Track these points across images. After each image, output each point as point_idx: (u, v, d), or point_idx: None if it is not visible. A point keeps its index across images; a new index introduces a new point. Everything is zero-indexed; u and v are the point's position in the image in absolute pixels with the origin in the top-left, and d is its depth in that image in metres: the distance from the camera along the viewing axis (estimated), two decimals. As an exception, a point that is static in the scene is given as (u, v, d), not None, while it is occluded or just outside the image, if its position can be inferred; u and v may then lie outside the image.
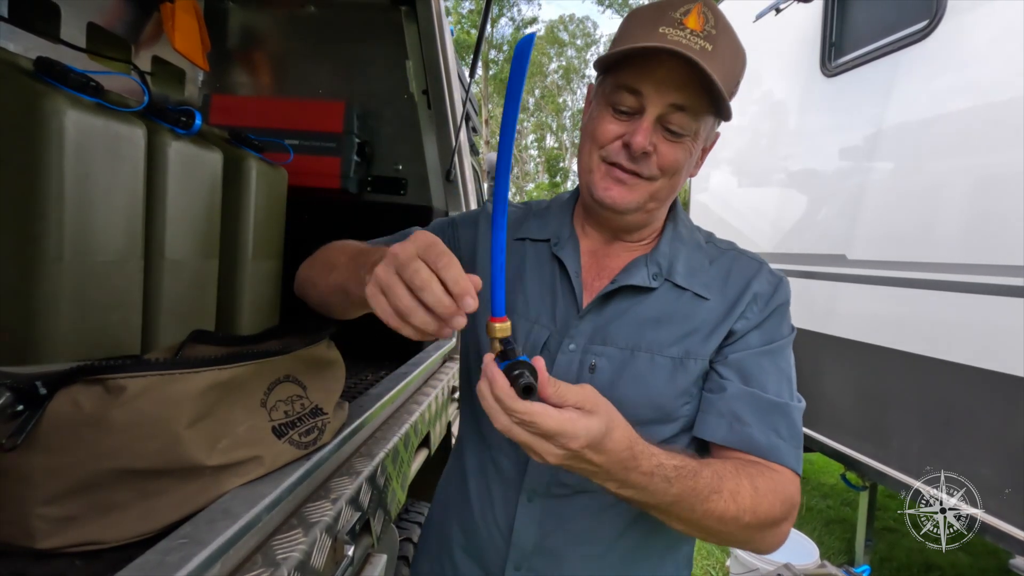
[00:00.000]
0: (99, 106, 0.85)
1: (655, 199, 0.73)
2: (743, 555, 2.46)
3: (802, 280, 2.64)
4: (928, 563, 2.94)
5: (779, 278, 0.77)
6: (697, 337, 0.73)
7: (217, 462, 0.60)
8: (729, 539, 0.67)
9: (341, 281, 0.69)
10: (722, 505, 0.62)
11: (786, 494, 0.68)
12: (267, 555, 0.59)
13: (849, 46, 2.44)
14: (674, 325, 0.73)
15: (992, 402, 1.79)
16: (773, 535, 0.69)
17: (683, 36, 0.65)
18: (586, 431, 0.52)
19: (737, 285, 0.75)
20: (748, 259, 0.79)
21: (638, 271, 0.75)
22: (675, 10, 0.66)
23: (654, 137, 0.68)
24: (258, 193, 1.28)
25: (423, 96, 1.75)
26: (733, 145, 3.39)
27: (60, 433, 0.54)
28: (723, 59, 0.66)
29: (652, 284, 0.75)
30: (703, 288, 0.75)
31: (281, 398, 0.69)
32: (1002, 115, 1.80)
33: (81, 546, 0.55)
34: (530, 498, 0.75)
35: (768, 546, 0.70)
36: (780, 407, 0.71)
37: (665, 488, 0.59)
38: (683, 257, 0.77)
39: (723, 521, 0.63)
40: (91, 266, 0.87)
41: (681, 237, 0.79)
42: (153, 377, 0.56)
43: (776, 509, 0.66)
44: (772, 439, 0.70)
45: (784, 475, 0.69)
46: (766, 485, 0.66)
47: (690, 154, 0.71)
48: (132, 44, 1.40)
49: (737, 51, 0.69)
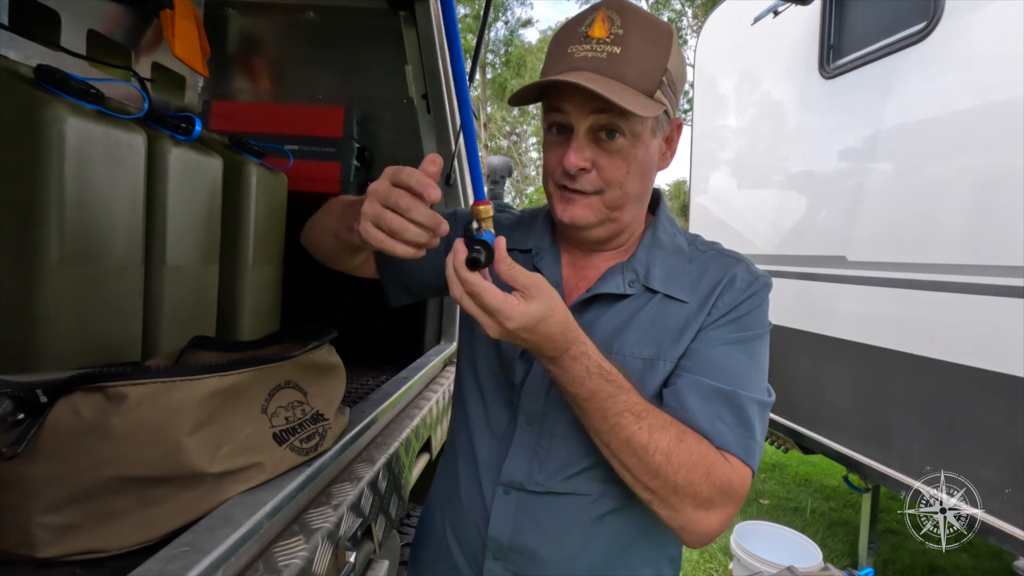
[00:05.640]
0: (99, 113, 0.86)
1: (614, 209, 0.73)
2: (746, 558, 2.45)
3: (802, 282, 2.64)
4: (932, 565, 2.93)
5: (755, 275, 0.76)
6: (669, 339, 0.73)
7: (218, 469, 0.59)
8: (639, 478, 0.65)
9: (335, 227, 0.78)
10: (634, 427, 0.63)
11: (720, 474, 0.65)
12: (269, 562, 0.59)
13: (847, 48, 2.44)
14: (648, 328, 0.74)
15: (993, 403, 1.78)
16: (694, 510, 0.65)
17: (589, 49, 0.67)
18: (522, 315, 0.59)
19: (710, 283, 0.75)
20: (726, 258, 0.78)
21: (613, 279, 0.76)
22: (581, 24, 0.68)
23: (590, 152, 0.70)
24: (258, 198, 1.28)
25: (423, 101, 1.76)
26: (732, 147, 3.40)
27: (61, 441, 0.54)
28: (635, 53, 0.66)
29: (627, 291, 0.75)
30: (680, 291, 0.75)
31: (282, 404, 0.69)
32: (1001, 116, 1.80)
33: (82, 555, 0.55)
34: (506, 491, 0.76)
35: (690, 524, 0.66)
36: (726, 394, 0.69)
37: (583, 379, 0.63)
38: (660, 262, 0.77)
39: (631, 446, 0.63)
40: (92, 272, 0.87)
41: (660, 243, 0.79)
42: (154, 385, 0.56)
43: (698, 478, 0.64)
44: (716, 425, 0.68)
45: (730, 461, 0.67)
46: (697, 449, 0.65)
47: (634, 156, 0.70)
48: (132, 51, 1.40)
49: (654, 35, 0.68)
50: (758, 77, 3.10)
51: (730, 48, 3.39)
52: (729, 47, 3.40)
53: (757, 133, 3.13)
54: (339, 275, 0.92)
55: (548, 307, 0.60)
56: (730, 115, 3.40)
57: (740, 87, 3.32)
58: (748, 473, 0.69)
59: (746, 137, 3.26)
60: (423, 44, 1.67)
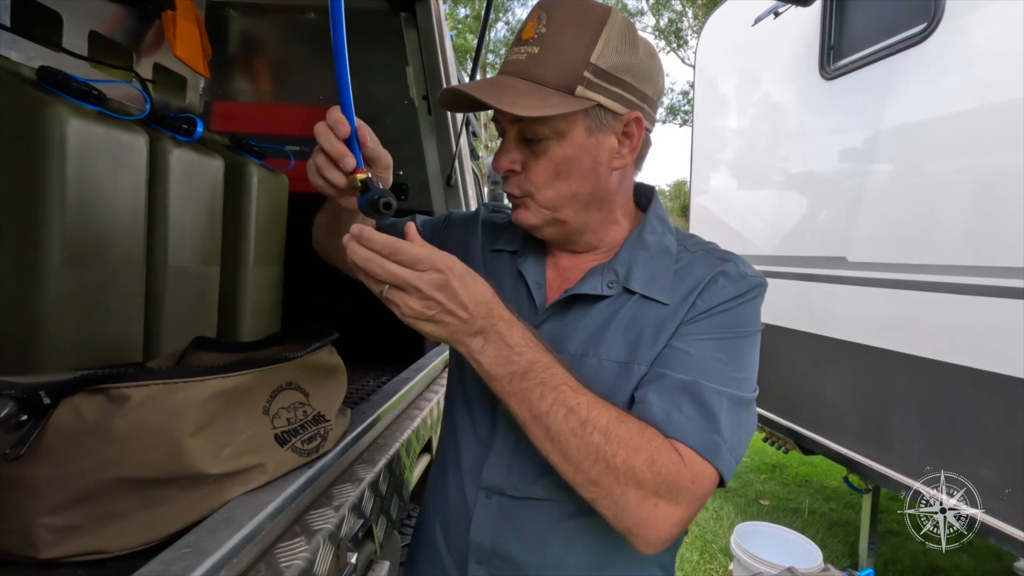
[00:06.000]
0: (101, 114, 0.86)
1: (553, 210, 0.71)
2: (746, 559, 2.45)
3: (802, 283, 2.64)
4: (932, 566, 2.93)
5: (743, 274, 0.71)
6: (645, 341, 0.70)
7: (220, 470, 0.60)
8: (581, 466, 0.60)
9: (325, 221, 0.88)
10: (574, 402, 0.60)
11: (665, 463, 0.59)
12: (270, 564, 0.59)
13: (848, 49, 2.44)
14: (626, 331, 0.71)
15: (993, 404, 1.78)
16: (639, 504, 0.59)
17: (517, 52, 0.67)
18: (447, 260, 0.58)
19: (692, 283, 0.71)
20: (714, 259, 0.73)
21: (592, 280, 0.74)
22: (522, 28, 0.69)
23: (518, 155, 0.70)
24: (259, 199, 1.28)
25: (423, 102, 1.76)
26: (733, 147, 3.40)
27: (63, 443, 0.54)
28: (554, 51, 0.65)
29: (606, 292, 0.73)
30: (660, 293, 0.71)
31: (284, 405, 0.70)
32: (1001, 117, 1.80)
33: (85, 555, 0.55)
34: (488, 496, 0.75)
35: (637, 522, 0.60)
36: (687, 385, 0.63)
37: (522, 348, 0.61)
38: (643, 263, 0.74)
39: (570, 423, 0.59)
40: (93, 273, 0.87)
41: (645, 244, 0.76)
42: (157, 386, 0.56)
43: (640, 463, 0.59)
44: (671, 415, 0.62)
45: (680, 452, 0.61)
46: (639, 433, 0.60)
47: (562, 157, 0.68)
48: (133, 52, 1.41)
49: (579, 30, 0.65)
50: (758, 78, 3.10)
51: (731, 49, 3.39)
52: (730, 48, 3.40)
53: (758, 134, 3.13)
54: (340, 276, 0.92)
55: (471, 271, 0.60)
56: (731, 116, 3.41)
57: (741, 88, 3.32)
58: (706, 469, 0.61)
59: (747, 138, 3.26)
60: (424, 45, 1.68)
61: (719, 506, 3.53)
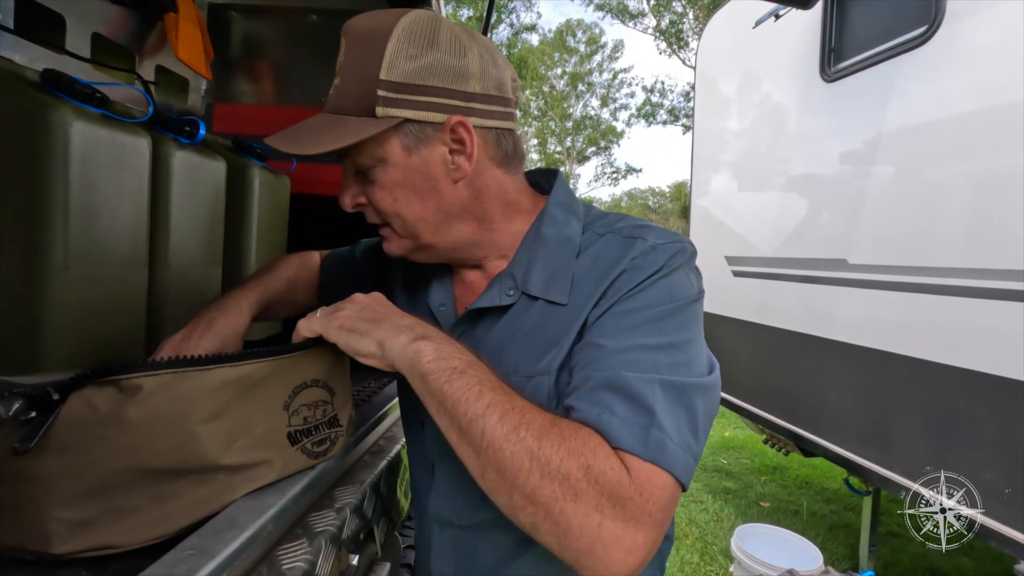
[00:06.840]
0: (104, 117, 0.86)
1: (412, 237, 0.68)
2: (746, 560, 2.45)
3: (803, 285, 2.64)
4: (933, 568, 2.92)
5: (655, 245, 0.63)
6: (550, 350, 0.63)
7: (232, 461, 0.59)
8: (517, 480, 0.50)
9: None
10: (508, 406, 0.53)
11: (603, 470, 0.50)
12: (272, 565, 0.59)
13: (848, 51, 2.45)
14: (530, 341, 0.65)
15: (994, 407, 1.78)
16: (581, 522, 0.49)
17: (331, 86, 0.66)
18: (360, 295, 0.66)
19: (600, 272, 0.63)
20: (624, 239, 0.65)
21: (492, 290, 0.68)
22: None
23: (357, 188, 0.68)
24: (261, 201, 1.29)
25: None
26: (733, 149, 3.40)
27: (76, 434, 0.54)
28: (349, 78, 0.62)
29: (504, 301, 0.66)
30: (559, 293, 0.64)
31: (306, 402, 0.68)
32: (1002, 119, 1.80)
33: (96, 550, 0.55)
34: (441, 528, 0.72)
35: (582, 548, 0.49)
36: (609, 380, 0.55)
37: (459, 350, 0.58)
38: (541, 262, 0.66)
39: (504, 429, 0.51)
40: (96, 275, 0.87)
41: (543, 239, 0.68)
42: (167, 375, 0.56)
43: (574, 470, 0.49)
44: (602, 418, 0.53)
45: (623, 459, 0.51)
46: (572, 435, 0.51)
47: (393, 182, 0.64)
48: (136, 54, 1.41)
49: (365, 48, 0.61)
50: (759, 80, 3.10)
51: (731, 51, 3.40)
52: (730, 49, 3.41)
53: (758, 136, 3.13)
54: (342, 278, 0.92)
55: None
56: (731, 117, 3.41)
57: (741, 89, 3.32)
58: (656, 476, 0.51)
59: (747, 139, 3.26)
60: (425, 47, 1.68)
61: (719, 508, 3.53)
